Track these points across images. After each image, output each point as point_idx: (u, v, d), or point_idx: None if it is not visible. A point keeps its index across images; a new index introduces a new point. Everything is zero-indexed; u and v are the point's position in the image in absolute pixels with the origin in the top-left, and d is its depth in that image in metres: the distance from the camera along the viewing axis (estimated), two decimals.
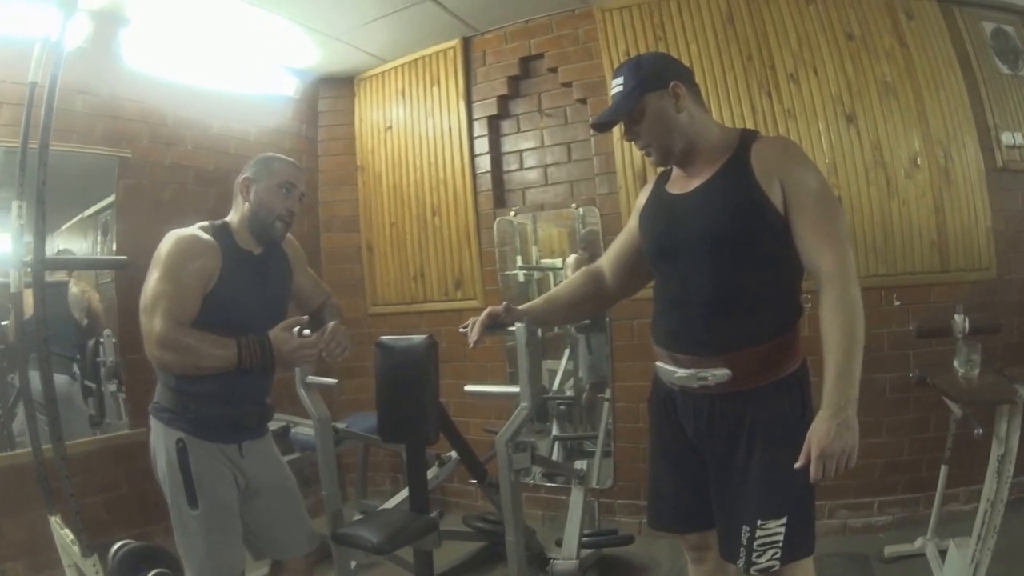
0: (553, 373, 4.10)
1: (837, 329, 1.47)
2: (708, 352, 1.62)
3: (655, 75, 1.68)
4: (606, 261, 2.01)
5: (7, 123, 2.88)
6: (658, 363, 1.79)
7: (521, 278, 4.11)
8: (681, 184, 1.75)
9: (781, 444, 1.55)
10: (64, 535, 2.50)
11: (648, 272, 1.89)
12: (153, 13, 3.41)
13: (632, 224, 1.93)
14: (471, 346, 1.90)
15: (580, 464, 2.73)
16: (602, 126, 1.77)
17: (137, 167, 3.47)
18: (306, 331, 2.00)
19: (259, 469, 2.05)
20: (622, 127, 1.75)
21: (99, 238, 3.39)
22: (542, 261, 4.19)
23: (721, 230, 1.60)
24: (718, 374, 1.61)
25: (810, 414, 1.54)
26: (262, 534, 2.08)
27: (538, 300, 2.04)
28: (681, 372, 1.68)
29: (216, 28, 3.62)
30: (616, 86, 1.71)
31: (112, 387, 3.33)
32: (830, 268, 1.52)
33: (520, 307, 1.95)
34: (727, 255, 1.60)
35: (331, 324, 2.04)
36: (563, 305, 2.01)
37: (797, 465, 1.45)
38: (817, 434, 1.43)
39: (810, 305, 1.69)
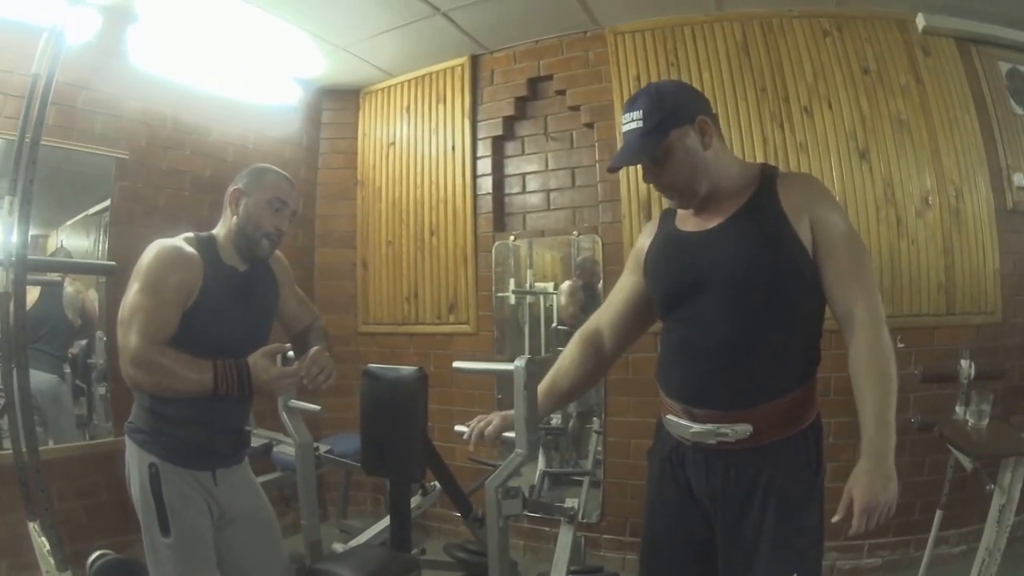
0: None
1: (873, 377, 1.41)
2: (729, 407, 1.50)
3: (680, 108, 1.53)
4: (605, 320, 1.85)
5: (12, 115, 2.79)
6: (668, 416, 1.64)
7: (513, 301, 4.04)
8: (696, 221, 1.62)
9: (796, 502, 1.48)
10: (42, 543, 2.45)
11: (648, 322, 1.79)
12: (161, 11, 3.36)
13: (628, 273, 1.81)
14: (470, 447, 1.83)
15: (571, 502, 2.62)
16: (620, 167, 1.62)
17: (134, 169, 3.41)
18: (290, 353, 1.90)
19: (233, 498, 1.96)
20: (639, 168, 1.63)
21: (100, 238, 3.35)
22: (536, 285, 4.13)
23: (748, 269, 1.49)
24: (739, 430, 1.49)
25: (824, 470, 1.50)
26: (235, 564, 1.99)
27: (547, 381, 1.87)
28: (697, 427, 1.54)
29: (222, 30, 3.57)
30: (633, 121, 1.53)
31: (102, 389, 3.30)
32: (863, 314, 1.45)
33: None
34: (752, 297, 1.48)
35: (312, 351, 1.93)
36: (566, 391, 1.87)
37: (835, 519, 1.36)
38: (860, 487, 1.34)
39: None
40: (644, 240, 1.78)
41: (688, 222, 1.65)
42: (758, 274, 1.48)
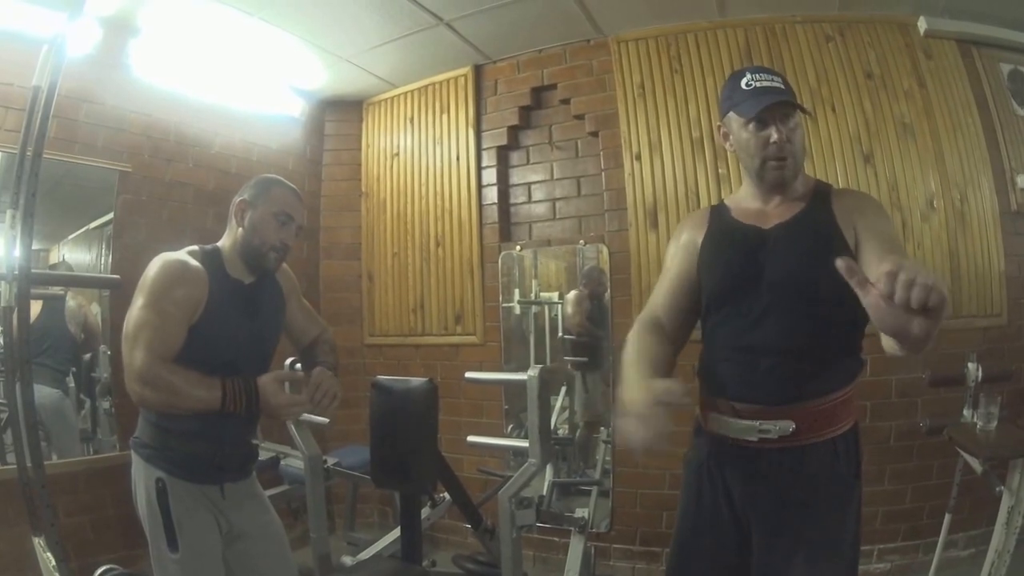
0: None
1: None
2: (773, 402, 1.52)
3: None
4: (661, 310, 1.72)
5: (13, 128, 2.76)
6: (711, 414, 1.64)
7: (518, 311, 4.03)
8: (758, 218, 1.65)
9: (835, 506, 1.50)
10: (47, 559, 2.43)
11: (695, 313, 1.73)
12: (163, 23, 3.35)
13: (680, 265, 1.75)
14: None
15: (581, 512, 2.60)
16: (781, 104, 1.58)
17: (137, 182, 3.39)
18: (298, 366, 1.89)
19: (242, 513, 1.94)
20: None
21: (102, 251, 3.34)
22: (541, 295, 4.13)
23: (805, 268, 1.52)
24: (781, 426, 1.51)
25: (862, 475, 1.51)
26: None
27: (645, 367, 1.54)
28: (740, 423, 1.56)
29: (225, 42, 3.57)
30: (775, 81, 1.61)
31: (106, 403, 3.29)
32: None
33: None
34: (807, 295, 1.51)
35: (315, 373, 1.94)
36: (663, 361, 1.58)
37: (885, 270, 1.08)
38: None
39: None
40: (695, 232, 1.75)
41: (748, 216, 1.67)
42: (814, 273, 1.49)
